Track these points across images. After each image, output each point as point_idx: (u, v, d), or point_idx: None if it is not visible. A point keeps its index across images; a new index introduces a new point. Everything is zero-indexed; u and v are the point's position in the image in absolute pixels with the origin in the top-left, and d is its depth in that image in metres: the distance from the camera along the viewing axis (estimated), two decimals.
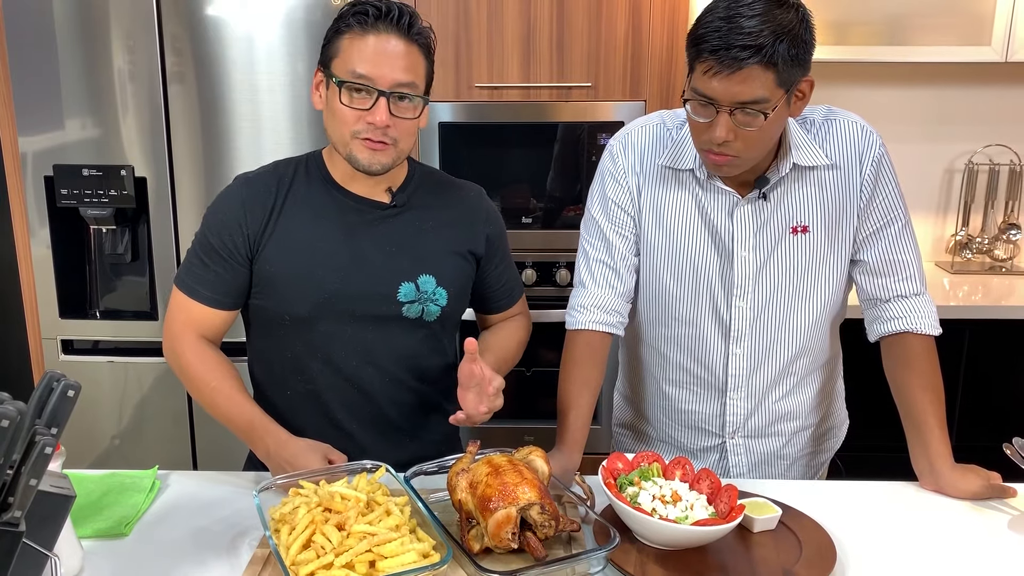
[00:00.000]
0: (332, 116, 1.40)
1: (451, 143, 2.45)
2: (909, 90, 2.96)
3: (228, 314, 1.49)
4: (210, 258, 1.45)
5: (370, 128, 1.36)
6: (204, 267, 1.46)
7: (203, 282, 1.46)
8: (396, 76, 1.35)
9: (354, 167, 1.41)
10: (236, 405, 1.44)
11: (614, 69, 2.40)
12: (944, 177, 3.04)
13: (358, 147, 1.38)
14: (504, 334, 1.62)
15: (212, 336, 1.50)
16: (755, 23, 1.25)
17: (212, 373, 1.45)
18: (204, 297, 1.46)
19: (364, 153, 1.38)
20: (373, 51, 1.35)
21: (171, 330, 1.48)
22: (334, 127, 1.40)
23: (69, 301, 2.49)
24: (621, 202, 1.53)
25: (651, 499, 1.24)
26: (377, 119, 1.35)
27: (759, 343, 1.52)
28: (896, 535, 1.30)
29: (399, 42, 1.36)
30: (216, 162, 2.38)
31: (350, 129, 1.37)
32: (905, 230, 1.49)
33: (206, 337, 1.48)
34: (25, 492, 0.92)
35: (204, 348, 1.47)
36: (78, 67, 2.33)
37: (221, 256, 1.45)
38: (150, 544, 1.27)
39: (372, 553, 1.08)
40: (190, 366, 1.46)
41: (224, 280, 1.45)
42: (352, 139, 1.38)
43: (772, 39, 1.24)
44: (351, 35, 1.36)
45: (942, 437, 1.43)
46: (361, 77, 1.35)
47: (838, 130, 1.47)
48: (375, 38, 1.35)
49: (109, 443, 2.54)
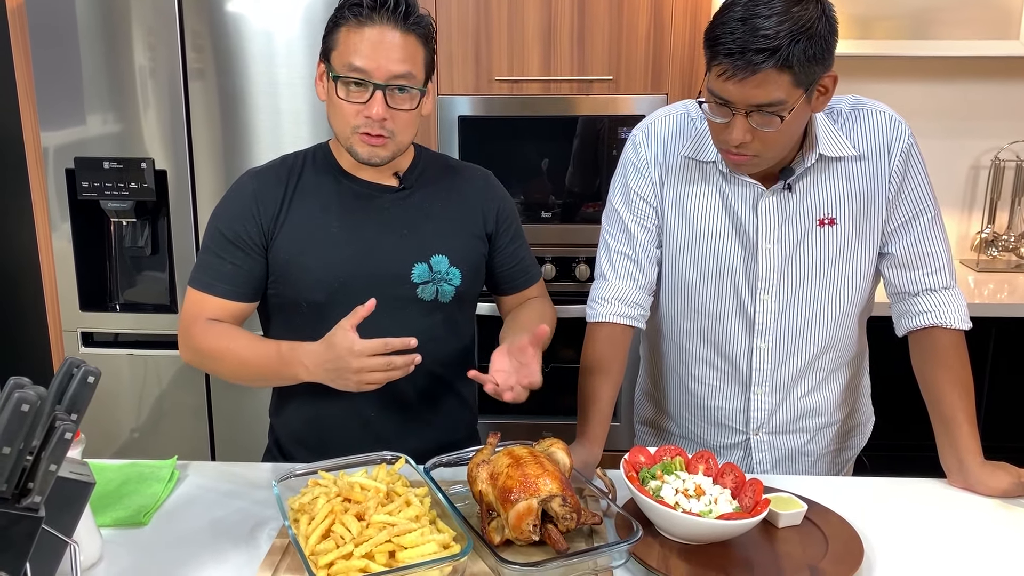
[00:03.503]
0: (332, 110, 1.41)
1: (471, 137, 2.44)
2: (934, 85, 2.92)
3: (245, 307, 1.48)
4: (225, 251, 1.45)
5: (368, 122, 1.37)
6: (220, 260, 1.45)
7: (220, 276, 1.45)
8: (392, 68, 1.35)
9: (356, 160, 1.43)
10: (257, 347, 1.41)
11: (635, 62, 2.38)
12: (970, 174, 3.00)
13: (357, 142, 1.39)
14: (532, 313, 1.57)
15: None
16: (773, 23, 1.22)
17: (224, 337, 1.42)
18: (222, 290, 1.45)
19: (363, 148, 1.39)
20: (369, 44, 1.34)
21: (185, 325, 1.47)
22: (335, 121, 1.42)
23: (89, 294, 2.50)
24: (643, 193, 1.51)
25: (674, 493, 1.23)
26: (373, 113, 1.35)
27: (784, 337, 1.50)
28: (924, 532, 1.28)
29: (395, 33, 1.35)
30: (236, 156, 2.39)
31: (350, 124, 1.38)
32: (935, 222, 1.46)
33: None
34: (45, 477, 0.91)
35: (213, 323, 1.44)
36: (100, 63, 2.34)
37: (237, 247, 1.44)
38: (169, 533, 1.26)
39: (392, 543, 1.07)
40: (203, 343, 1.43)
41: (241, 271, 1.45)
42: (352, 133, 1.39)
43: (789, 40, 1.21)
44: (348, 27, 1.36)
45: (971, 433, 1.40)
46: (357, 71, 1.35)
47: (866, 120, 1.44)
48: (371, 30, 1.35)
49: (128, 436, 2.55)
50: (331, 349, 1.29)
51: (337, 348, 1.28)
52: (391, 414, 1.51)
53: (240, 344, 1.41)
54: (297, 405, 1.51)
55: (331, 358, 1.29)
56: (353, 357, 1.26)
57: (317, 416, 1.49)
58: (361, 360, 1.26)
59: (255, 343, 1.41)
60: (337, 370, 1.29)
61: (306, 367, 1.33)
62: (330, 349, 1.29)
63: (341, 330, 1.29)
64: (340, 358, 1.27)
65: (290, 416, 1.56)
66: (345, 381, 1.30)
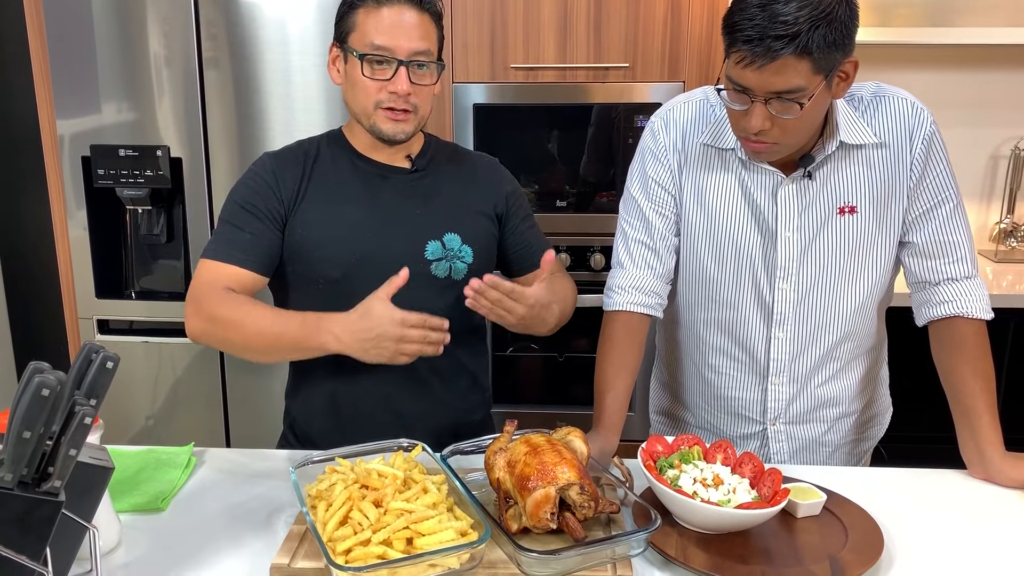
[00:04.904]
0: (353, 89, 1.45)
1: (485, 125, 2.42)
2: (953, 74, 2.88)
3: (259, 280, 1.46)
4: (244, 222, 1.45)
5: (392, 97, 1.42)
6: (238, 231, 1.45)
7: (236, 245, 1.44)
8: (413, 45, 1.41)
9: (377, 138, 1.46)
10: (277, 316, 1.40)
11: (652, 49, 2.36)
12: (988, 163, 2.97)
13: (381, 118, 1.44)
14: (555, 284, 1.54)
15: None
16: (792, 9, 1.20)
17: (242, 305, 1.39)
18: (239, 259, 1.43)
19: (387, 123, 1.44)
20: (389, 23, 1.40)
21: (196, 295, 1.42)
22: (356, 99, 1.45)
23: (105, 281, 2.51)
24: (662, 180, 1.50)
25: (692, 482, 1.22)
26: (399, 88, 1.41)
27: (803, 327, 1.48)
28: (944, 524, 1.27)
29: (412, 12, 1.42)
30: (250, 143, 2.39)
31: (373, 100, 1.43)
32: (957, 211, 1.45)
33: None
34: (65, 462, 0.92)
35: (229, 292, 1.41)
36: (115, 52, 2.35)
37: (256, 217, 1.45)
38: (186, 519, 1.27)
39: (410, 530, 1.07)
40: (219, 310, 1.39)
41: (260, 241, 1.45)
42: (375, 110, 1.43)
43: (808, 26, 1.19)
44: (365, 9, 1.42)
45: (992, 424, 1.39)
46: (380, 48, 1.40)
47: (887, 107, 1.42)
48: (388, 10, 1.41)
49: (143, 423, 2.57)
50: (368, 318, 1.31)
51: (377, 318, 1.30)
52: (406, 393, 1.51)
53: (259, 313, 1.39)
54: (314, 385, 1.52)
55: (369, 327, 1.30)
56: (395, 326, 1.30)
57: (333, 394, 1.51)
58: (402, 329, 1.30)
59: (275, 312, 1.41)
60: (376, 339, 1.30)
61: (336, 336, 1.33)
62: (366, 318, 1.31)
63: (379, 300, 1.31)
64: (380, 327, 1.30)
65: (307, 396, 1.56)
66: (381, 351, 1.31)
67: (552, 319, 1.47)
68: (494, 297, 1.34)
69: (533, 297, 1.37)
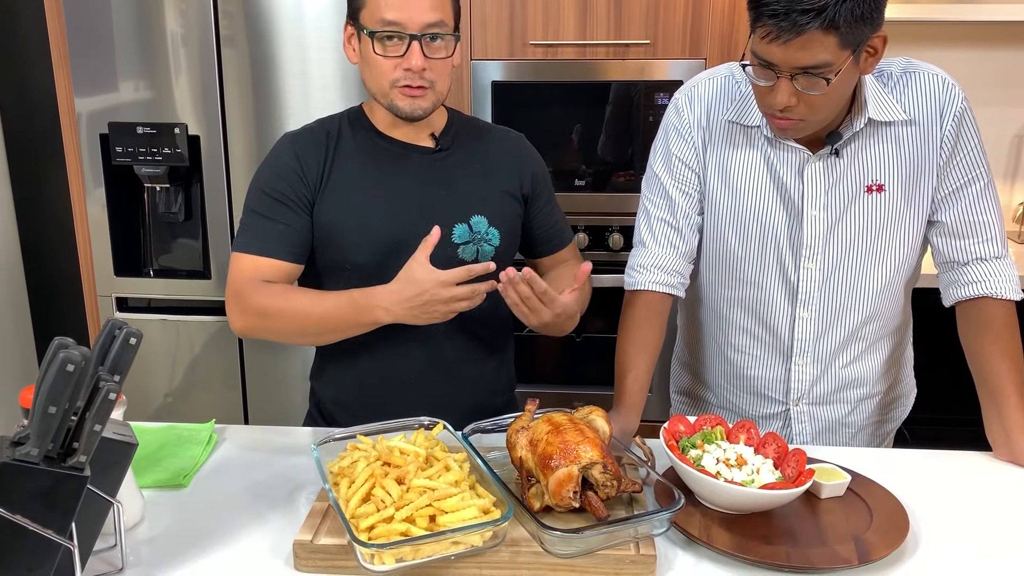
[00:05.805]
0: (368, 67, 1.41)
1: (504, 102, 2.40)
2: (979, 51, 2.83)
3: (296, 269, 1.46)
4: (274, 212, 1.43)
5: (407, 75, 1.37)
6: (270, 222, 1.43)
7: (272, 237, 1.42)
8: (425, 17, 1.35)
9: (396, 116, 1.43)
10: (325, 299, 1.38)
11: (674, 26, 2.32)
12: (1014, 142, 2.92)
13: (397, 96, 1.40)
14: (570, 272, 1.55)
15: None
16: None
17: (286, 294, 1.39)
18: (276, 251, 1.42)
19: (404, 101, 1.40)
20: None
21: (236, 290, 1.41)
22: (371, 78, 1.42)
23: (124, 259, 2.51)
24: (685, 158, 1.48)
25: (715, 462, 1.21)
26: (413, 64, 1.36)
27: (828, 306, 1.47)
28: (969, 505, 1.25)
29: None
30: (268, 121, 2.38)
31: (388, 79, 1.39)
32: (987, 190, 1.42)
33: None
34: (90, 437, 0.92)
35: (269, 284, 1.41)
36: (132, 29, 2.34)
37: (286, 206, 1.43)
38: (208, 495, 1.27)
39: (433, 508, 1.07)
40: (264, 303, 1.38)
41: (294, 231, 1.43)
42: (391, 88, 1.40)
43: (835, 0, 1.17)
44: None
45: (1019, 405, 1.37)
46: (391, 24, 1.35)
47: (917, 83, 1.39)
48: None
49: (162, 401, 2.58)
50: (413, 284, 1.30)
51: (422, 282, 1.29)
52: (434, 375, 1.51)
53: (306, 299, 1.39)
54: (340, 366, 1.51)
55: (417, 293, 1.30)
56: (442, 287, 1.29)
57: (360, 377, 1.50)
58: (450, 289, 1.29)
59: (321, 296, 1.40)
60: (425, 303, 1.30)
61: (386, 308, 1.33)
62: (411, 285, 1.30)
63: (419, 264, 1.30)
64: (427, 291, 1.29)
65: (333, 378, 1.56)
66: (432, 313, 1.31)
67: (570, 328, 1.46)
68: (524, 293, 1.32)
69: (562, 306, 1.34)
